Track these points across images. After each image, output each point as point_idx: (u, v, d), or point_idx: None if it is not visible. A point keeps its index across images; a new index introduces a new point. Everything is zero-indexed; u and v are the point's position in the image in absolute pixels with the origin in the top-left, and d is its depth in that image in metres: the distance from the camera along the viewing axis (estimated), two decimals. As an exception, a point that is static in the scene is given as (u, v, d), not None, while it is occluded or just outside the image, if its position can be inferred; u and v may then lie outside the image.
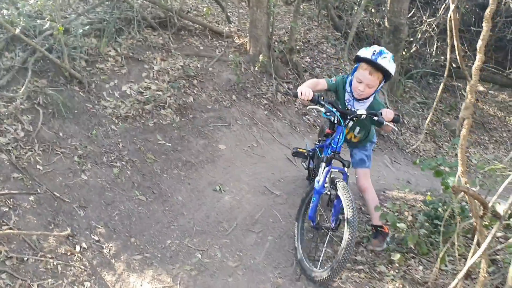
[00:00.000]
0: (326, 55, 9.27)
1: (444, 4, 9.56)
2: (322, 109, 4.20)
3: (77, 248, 4.18)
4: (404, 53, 10.01)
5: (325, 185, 4.16)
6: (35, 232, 4.06)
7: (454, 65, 9.92)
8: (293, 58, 8.10)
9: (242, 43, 8.04)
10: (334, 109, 4.14)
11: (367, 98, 4.20)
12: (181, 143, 5.88)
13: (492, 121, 10.83)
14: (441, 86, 3.68)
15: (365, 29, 11.04)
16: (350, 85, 4.22)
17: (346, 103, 4.31)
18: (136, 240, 4.46)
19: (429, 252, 4.30)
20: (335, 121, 4.23)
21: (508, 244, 3.68)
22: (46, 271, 3.87)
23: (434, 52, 10.67)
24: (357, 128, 4.45)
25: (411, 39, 10.47)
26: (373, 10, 11.12)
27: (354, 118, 4.16)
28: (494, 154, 9.21)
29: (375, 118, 4.02)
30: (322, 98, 4.15)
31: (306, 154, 5.18)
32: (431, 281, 3.72)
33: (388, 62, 3.98)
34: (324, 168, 4.20)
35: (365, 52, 4.04)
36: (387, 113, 4.00)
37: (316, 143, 5.12)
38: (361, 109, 4.16)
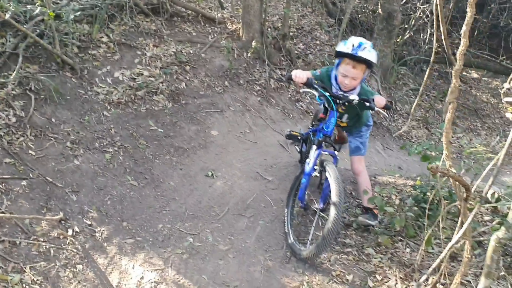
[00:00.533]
0: (320, 41, 9.31)
1: (437, -9, 9.57)
2: (315, 93, 4.32)
3: (70, 231, 4.25)
4: (397, 40, 10.05)
5: (315, 167, 4.27)
6: (28, 216, 4.12)
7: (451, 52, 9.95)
8: (286, 44, 8.14)
9: (235, 29, 8.08)
10: (327, 93, 4.23)
11: (354, 89, 4.31)
12: (173, 129, 5.94)
13: (485, 107, 10.92)
14: (427, 72, 3.74)
15: (359, 15, 11.08)
16: (336, 80, 4.33)
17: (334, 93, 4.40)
18: (128, 224, 4.54)
19: (417, 235, 4.40)
20: (328, 106, 4.34)
21: (493, 227, 3.77)
22: (38, 254, 3.94)
23: (427, 39, 10.72)
24: (345, 116, 4.53)
25: (405, 25, 10.52)
26: (367, -3, 11.16)
27: (346, 103, 4.23)
28: (486, 141, 9.29)
29: (367, 104, 4.11)
30: (316, 82, 4.24)
31: (299, 137, 5.27)
32: (417, 263, 3.81)
33: (368, 52, 4.04)
34: (314, 151, 4.31)
35: (344, 47, 4.11)
36: (379, 100, 4.13)
37: (310, 127, 5.20)
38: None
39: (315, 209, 4.38)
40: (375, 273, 4.01)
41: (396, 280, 3.87)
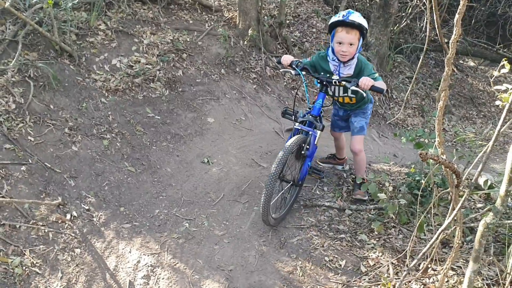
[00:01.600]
0: (316, 29, 9.32)
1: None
2: (299, 72, 4.53)
3: (68, 216, 4.33)
4: (394, 28, 10.07)
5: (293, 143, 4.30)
6: (27, 200, 4.19)
7: (447, 40, 9.97)
8: (282, 32, 8.16)
9: (232, 17, 8.10)
10: (303, 72, 4.54)
11: (352, 59, 4.44)
12: (170, 116, 5.99)
13: (481, 96, 10.96)
14: (421, 60, 3.80)
15: (355, 3, 11.07)
16: (333, 53, 4.47)
17: (334, 73, 4.55)
18: (125, 210, 4.61)
19: (409, 221, 4.47)
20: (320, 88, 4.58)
21: (484, 214, 3.83)
22: (37, 238, 4.02)
23: (424, 27, 10.74)
24: (349, 91, 4.63)
25: (402, 13, 10.52)
26: (364, -15, 11.15)
27: (333, 84, 4.50)
28: (481, 129, 9.35)
29: (347, 84, 4.32)
30: (298, 64, 4.55)
31: (294, 116, 5.19)
32: (409, 249, 3.88)
33: (358, 17, 4.31)
34: (295, 128, 4.49)
35: (335, 18, 4.35)
36: (365, 81, 4.21)
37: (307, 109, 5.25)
38: (348, 73, 4.49)
39: (287, 181, 4.54)
40: (368, 258, 4.09)
41: (388, 266, 3.94)
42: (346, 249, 4.21)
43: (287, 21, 8.78)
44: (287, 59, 4.60)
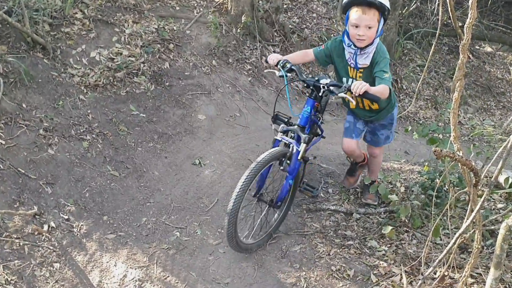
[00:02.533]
0: (317, 14, 9.33)
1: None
2: (283, 74, 4.26)
3: (45, 227, 4.33)
4: (402, 11, 10.08)
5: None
6: (-1, 210, 4.19)
7: (461, 24, 9.98)
8: (279, 18, 8.16)
9: (223, 2, 8.09)
10: (303, 78, 4.25)
11: (371, 44, 4.13)
12: (156, 114, 5.99)
13: (500, 84, 10.96)
14: (433, 46, 3.80)
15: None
16: (349, 37, 4.17)
17: (348, 62, 4.30)
18: (109, 218, 4.62)
19: (423, 225, 4.48)
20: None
21: (506, 215, 3.84)
22: (12, 252, 4.02)
23: (436, 10, 10.74)
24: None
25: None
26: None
27: (321, 89, 4.16)
28: (501, 121, 9.37)
29: (336, 91, 4.05)
30: (285, 65, 4.27)
31: (287, 122, 4.57)
32: (424, 256, 3.89)
33: None
34: (276, 139, 4.29)
35: None
36: (358, 86, 3.80)
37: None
38: (364, 63, 4.19)
39: (265, 202, 4.41)
40: (379, 267, 4.09)
41: (401, 275, 3.95)
42: (354, 257, 4.22)
43: (285, 6, 8.78)
44: (273, 58, 4.36)
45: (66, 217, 4.52)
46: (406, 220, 4.50)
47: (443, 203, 4.25)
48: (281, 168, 4.15)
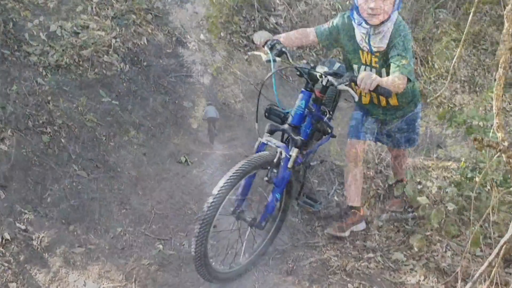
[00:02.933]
0: (329, -24, 9.33)
1: None
2: (271, 58, 4.07)
3: (-2, 239, 4.36)
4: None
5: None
6: None
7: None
8: (282, -18, 8.19)
9: (213, -38, 8.12)
10: (295, 64, 4.15)
11: (388, 20, 3.97)
12: (132, 100, 5.99)
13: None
14: (471, 15, 3.83)
15: None
16: (358, 12, 3.99)
17: (360, 45, 4.15)
18: (76, 228, 4.63)
19: (460, 233, 4.50)
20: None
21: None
22: (-45, 271, 4.06)
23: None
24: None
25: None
26: None
27: (320, 80, 4.03)
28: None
29: (335, 83, 3.85)
30: (275, 47, 4.13)
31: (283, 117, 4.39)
32: (461, 270, 3.92)
33: None
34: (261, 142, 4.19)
35: None
36: (367, 79, 3.64)
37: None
38: (380, 46, 4.02)
39: (245, 221, 4.28)
40: (406, 284, 4.13)
41: (433, 293, 4.00)
42: (376, 272, 4.25)
43: (289, -34, 8.79)
44: (261, 36, 4.25)
45: (23, 227, 4.53)
46: (438, 227, 4.52)
47: (484, 206, 4.27)
48: (266, 179, 4.02)
